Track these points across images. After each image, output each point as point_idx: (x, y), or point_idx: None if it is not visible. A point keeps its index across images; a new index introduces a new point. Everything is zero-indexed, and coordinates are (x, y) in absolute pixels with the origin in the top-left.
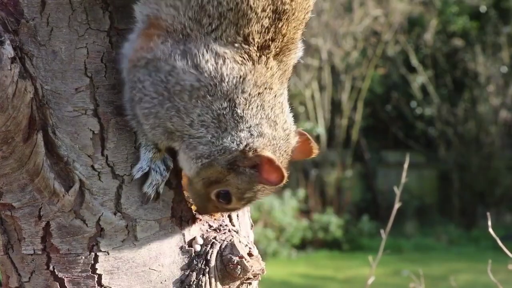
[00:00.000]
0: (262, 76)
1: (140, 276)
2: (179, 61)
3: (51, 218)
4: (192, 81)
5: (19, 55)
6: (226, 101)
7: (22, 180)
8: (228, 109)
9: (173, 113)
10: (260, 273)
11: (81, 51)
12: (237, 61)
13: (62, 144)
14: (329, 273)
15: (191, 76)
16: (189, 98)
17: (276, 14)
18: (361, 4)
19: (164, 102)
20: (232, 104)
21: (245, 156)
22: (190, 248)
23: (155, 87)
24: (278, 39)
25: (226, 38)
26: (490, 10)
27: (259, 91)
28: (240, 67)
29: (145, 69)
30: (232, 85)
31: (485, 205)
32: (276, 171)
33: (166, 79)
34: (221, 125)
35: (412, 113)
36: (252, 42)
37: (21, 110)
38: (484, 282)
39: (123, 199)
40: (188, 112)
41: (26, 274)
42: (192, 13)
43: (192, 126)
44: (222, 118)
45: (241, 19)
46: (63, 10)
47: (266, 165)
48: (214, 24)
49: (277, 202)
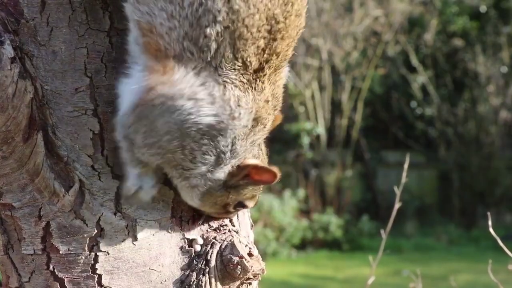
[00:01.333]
0: (260, 108)
1: (140, 276)
2: (201, 93)
3: (51, 218)
4: (210, 118)
5: (19, 55)
6: (231, 138)
7: (22, 180)
8: (230, 146)
9: (178, 150)
10: (260, 273)
11: (81, 51)
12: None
13: (62, 144)
14: (329, 273)
15: (210, 110)
16: (201, 138)
17: (271, 34)
18: (361, 4)
19: (173, 140)
20: (234, 141)
21: (232, 175)
22: (190, 248)
23: (167, 127)
24: (273, 60)
25: (225, 65)
26: (490, 10)
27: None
28: (246, 98)
29: (159, 108)
30: (242, 121)
31: (485, 205)
32: (265, 172)
33: (184, 119)
34: (218, 161)
35: (412, 113)
36: (249, 65)
37: (21, 110)
38: (484, 282)
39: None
40: (193, 150)
41: (26, 274)
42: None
43: (193, 161)
44: (222, 155)
45: (237, 40)
46: (63, 10)
47: (253, 170)
48: (212, 48)
49: (277, 202)
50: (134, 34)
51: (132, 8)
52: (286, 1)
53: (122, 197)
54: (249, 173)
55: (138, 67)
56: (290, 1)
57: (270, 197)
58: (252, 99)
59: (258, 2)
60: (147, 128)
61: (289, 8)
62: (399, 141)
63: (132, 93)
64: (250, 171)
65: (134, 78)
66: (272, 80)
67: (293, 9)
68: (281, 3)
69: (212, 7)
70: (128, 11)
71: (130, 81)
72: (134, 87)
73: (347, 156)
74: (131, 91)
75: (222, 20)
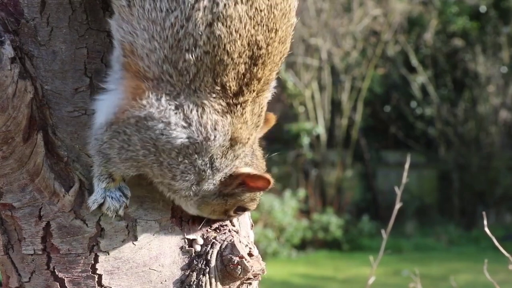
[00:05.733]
0: (238, 129)
1: (140, 276)
2: (173, 117)
3: (51, 218)
4: (183, 139)
5: (19, 55)
6: (208, 157)
7: (22, 180)
8: (208, 164)
9: (156, 165)
10: (260, 273)
11: (81, 51)
12: (219, 114)
13: (62, 144)
14: (329, 273)
15: (183, 133)
16: (176, 156)
17: (252, 60)
18: (360, 4)
19: (149, 155)
20: (212, 159)
21: (226, 184)
22: (190, 248)
23: (142, 143)
24: (253, 84)
25: (204, 88)
26: (490, 10)
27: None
28: (223, 122)
29: (134, 126)
30: (217, 142)
31: (485, 205)
32: (259, 179)
33: (156, 137)
34: (200, 177)
35: (412, 113)
36: (228, 89)
37: (21, 110)
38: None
39: None
40: (171, 168)
41: (26, 274)
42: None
43: (174, 179)
44: (202, 173)
45: (217, 65)
46: (63, 10)
47: (247, 179)
48: (191, 72)
49: (277, 202)
50: (116, 53)
51: (116, 26)
52: (270, 28)
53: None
54: (244, 181)
55: (115, 85)
56: (274, 28)
57: (270, 197)
58: (230, 122)
59: (240, 28)
60: (124, 143)
61: (272, 35)
62: (399, 141)
63: (108, 111)
64: (244, 179)
65: (111, 96)
66: (254, 101)
67: (277, 36)
68: (265, 30)
69: (193, 30)
70: (113, 29)
71: (106, 98)
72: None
73: (347, 156)
74: (107, 108)
75: (202, 45)
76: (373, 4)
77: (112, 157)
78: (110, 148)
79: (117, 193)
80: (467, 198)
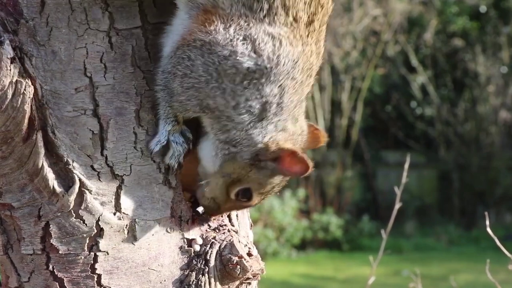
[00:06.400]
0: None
1: (139, 276)
2: (241, 46)
3: (50, 218)
4: (250, 64)
5: (18, 55)
6: (278, 87)
7: (22, 180)
8: (278, 96)
9: (218, 93)
10: (259, 273)
11: (81, 51)
12: (292, 43)
13: (62, 144)
14: (329, 273)
15: (250, 60)
16: (241, 80)
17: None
18: (360, 4)
19: (211, 81)
20: (282, 91)
21: (268, 149)
22: (190, 248)
23: (205, 67)
24: (318, 12)
25: (279, 22)
26: (490, 10)
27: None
28: (294, 50)
29: (199, 49)
30: (287, 69)
31: (485, 205)
32: (300, 162)
33: (219, 62)
34: (261, 114)
35: (412, 113)
36: (300, 20)
37: (20, 110)
38: (484, 282)
39: (122, 199)
40: (235, 95)
41: (25, 274)
42: None
43: (236, 109)
44: (267, 107)
45: None
46: (63, 10)
47: (288, 157)
48: (264, 9)
49: (277, 202)
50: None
51: None
52: None
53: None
54: (282, 158)
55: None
56: None
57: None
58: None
59: None
60: (187, 70)
61: None
62: (399, 141)
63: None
64: (284, 156)
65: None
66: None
67: None
68: None
69: None
70: None
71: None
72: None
73: (347, 156)
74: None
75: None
76: (373, 4)
77: (175, 90)
78: (173, 78)
79: (180, 138)
80: (467, 198)
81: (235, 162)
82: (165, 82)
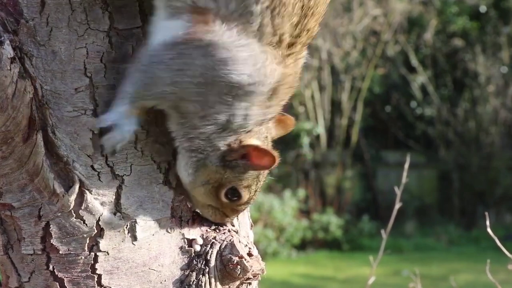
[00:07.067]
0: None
1: (139, 276)
2: (242, 52)
3: (51, 218)
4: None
5: (18, 55)
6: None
7: (22, 180)
8: (243, 109)
9: (195, 98)
10: (260, 273)
11: (81, 51)
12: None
13: (62, 144)
14: (329, 273)
15: (245, 69)
16: (225, 93)
17: (303, 11)
18: (360, 4)
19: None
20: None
21: (232, 149)
22: (190, 248)
23: (203, 69)
24: (303, 36)
25: (266, 39)
26: (490, 10)
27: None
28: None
29: (203, 49)
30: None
31: (485, 205)
32: (265, 155)
33: (218, 67)
34: (226, 125)
35: (412, 113)
36: (284, 41)
37: (20, 110)
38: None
39: (123, 199)
40: (208, 106)
41: (25, 274)
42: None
43: (202, 119)
44: (232, 119)
45: (277, 17)
46: (63, 10)
47: (253, 152)
48: (256, 23)
49: (277, 202)
50: None
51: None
52: None
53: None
54: (248, 154)
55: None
56: None
57: (270, 197)
58: (280, 72)
59: None
60: (185, 66)
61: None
62: (399, 141)
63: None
64: (249, 152)
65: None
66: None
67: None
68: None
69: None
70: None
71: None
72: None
73: (347, 156)
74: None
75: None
76: (373, 4)
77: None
78: (166, 69)
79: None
80: (467, 198)
81: (207, 168)
82: (151, 67)
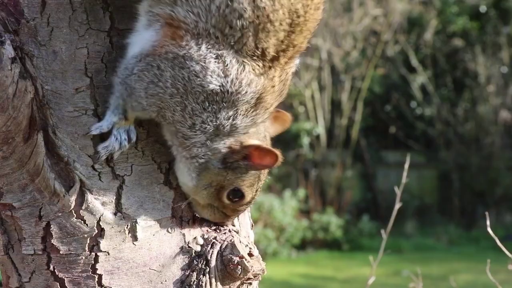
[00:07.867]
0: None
1: (140, 276)
2: (213, 64)
3: (51, 218)
4: (216, 86)
5: (19, 55)
6: (232, 110)
7: (23, 180)
8: (231, 119)
9: (178, 108)
10: (260, 273)
11: (82, 51)
12: (255, 75)
13: (63, 144)
14: (329, 273)
15: (218, 80)
16: (203, 102)
17: (291, 27)
18: (360, 4)
19: (176, 96)
20: (235, 114)
21: (233, 151)
22: (191, 248)
23: (174, 80)
24: (289, 50)
25: (246, 51)
26: (490, 10)
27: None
28: (257, 82)
29: (170, 62)
30: (246, 98)
31: (485, 205)
32: (267, 154)
33: (189, 78)
34: (217, 132)
35: (412, 113)
36: (267, 54)
37: (21, 110)
38: (484, 282)
39: (123, 199)
40: (193, 114)
41: (26, 274)
42: (215, 21)
43: (191, 129)
44: (221, 127)
45: (260, 32)
46: (64, 10)
47: (255, 152)
48: (236, 36)
49: (277, 202)
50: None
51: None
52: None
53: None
54: (250, 155)
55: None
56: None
57: (270, 197)
58: (262, 83)
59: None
60: (155, 78)
61: (309, 2)
62: (399, 141)
63: (145, 43)
64: (251, 152)
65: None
66: (284, 68)
67: (313, 3)
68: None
69: (237, 7)
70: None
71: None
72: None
73: (347, 156)
74: (143, 40)
75: (247, 17)
76: (373, 4)
77: (137, 91)
78: (138, 80)
79: (123, 136)
80: (467, 198)
81: (209, 172)
82: (126, 79)
